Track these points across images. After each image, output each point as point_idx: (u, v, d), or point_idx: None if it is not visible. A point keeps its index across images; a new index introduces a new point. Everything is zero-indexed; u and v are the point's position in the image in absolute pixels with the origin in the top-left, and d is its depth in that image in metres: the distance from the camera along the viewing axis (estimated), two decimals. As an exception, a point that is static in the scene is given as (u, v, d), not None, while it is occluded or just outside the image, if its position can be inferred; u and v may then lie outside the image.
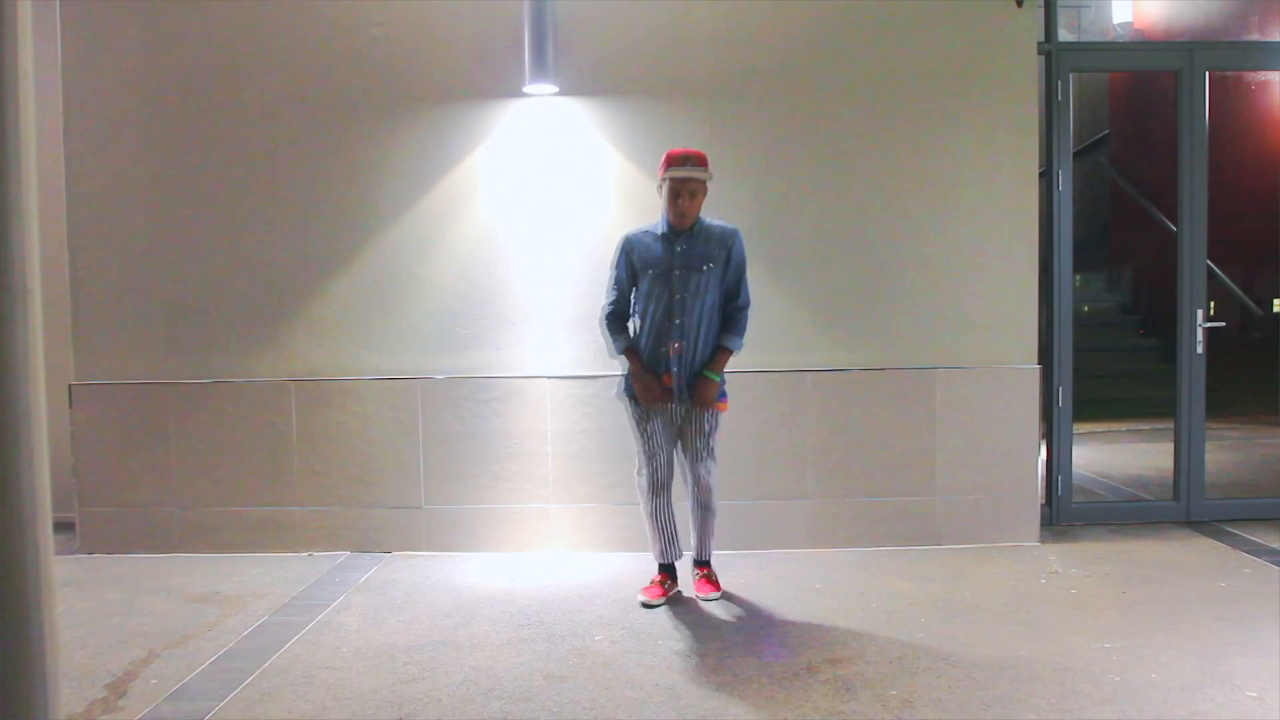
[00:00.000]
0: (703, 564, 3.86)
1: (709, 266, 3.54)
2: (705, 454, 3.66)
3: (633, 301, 3.68)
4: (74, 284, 4.51)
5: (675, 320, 3.54)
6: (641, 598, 3.72)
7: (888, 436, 4.46)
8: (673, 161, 3.52)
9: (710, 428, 3.65)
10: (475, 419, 4.48)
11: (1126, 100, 9.19)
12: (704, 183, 3.56)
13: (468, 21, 4.41)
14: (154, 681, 3.02)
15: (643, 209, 4.43)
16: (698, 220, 3.61)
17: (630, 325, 3.70)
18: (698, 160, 3.53)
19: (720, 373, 3.60)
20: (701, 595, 3.75)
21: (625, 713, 2.74)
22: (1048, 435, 4.71)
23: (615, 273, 3.69)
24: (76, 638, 3.40)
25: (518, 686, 2.94)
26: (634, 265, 3.62)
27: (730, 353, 3.63)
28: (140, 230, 4.51)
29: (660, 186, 3.57)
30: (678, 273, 3.54)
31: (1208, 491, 4.78)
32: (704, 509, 3.71)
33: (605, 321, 3.72)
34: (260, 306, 4.51)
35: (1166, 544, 4.41)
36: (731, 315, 3.62)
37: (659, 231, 3.63)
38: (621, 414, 4.44)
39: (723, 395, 3.66)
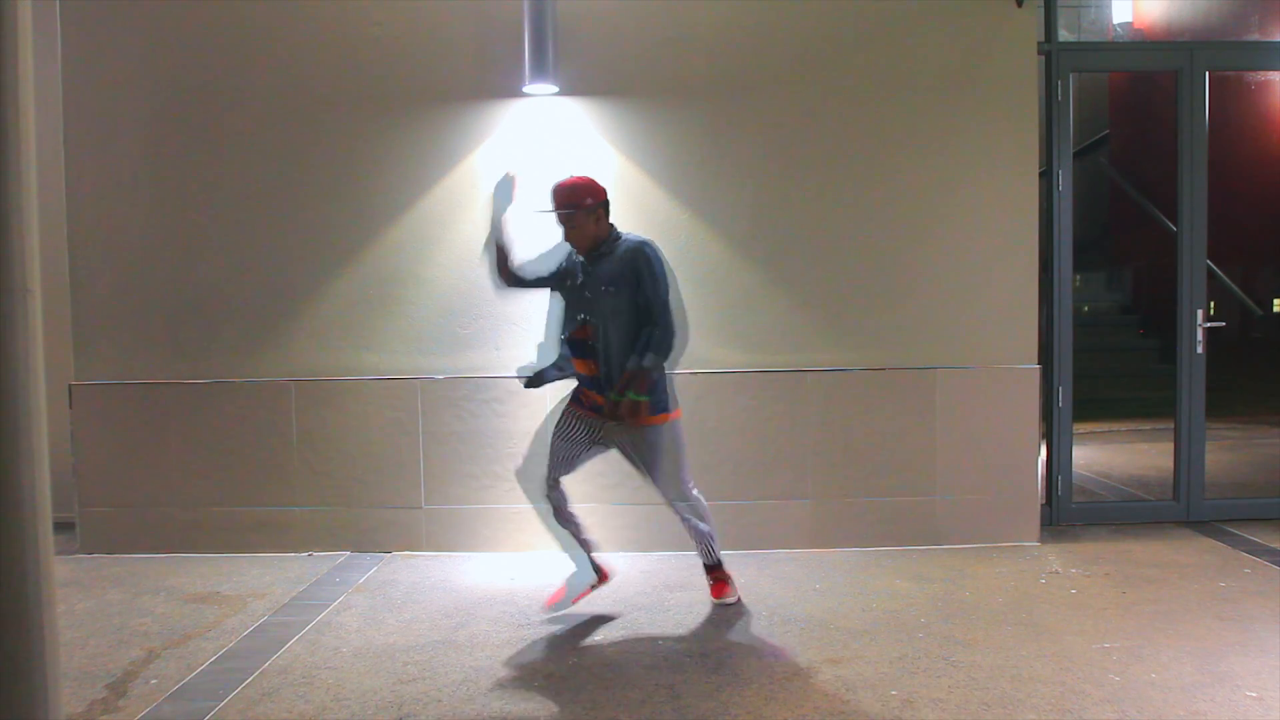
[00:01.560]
0: (713, 568, 3.71)
1: (613, 290, 3.35)
2: (675, 496, 3.53)
3: (552, 316, 3.65)
4: (74, 284, 4.51)
5: (590, 344, 3.42)
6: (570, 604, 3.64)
7: (888, 436, 4.46)
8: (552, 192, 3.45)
9: (652, 460, 3.44)
10: (475, 419, 4.48)
11: (1126, 100, 9.19)
12: (577, 210, 3.37)
13: (468, 21, 4.41)
14: (154, 681, 3.02)
15: (643, 209, 4.43)
16: (609, 240, 3.43)
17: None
18: (566, 189, 3.39)
19: (641, 393, 3.30)
20: (718, 599, 3.68)
21: (626, 712, 2.74)
22: (1048, 435, 4.71)
23: (542, 251, 3.60)
24: (76, 638, 3.40)
25: (518, 686, 2.93)
26: (558, 268, 3.55)
27: (643, 371, 3.29)
28: (140, 230, 4.51)
29: None
30: (588, 294, 3.41)
31: (1208, 491, 4.78)
32: (697, 533, 3.61)
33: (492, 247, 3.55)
34: (260, 306, 4.51)
35: (1166, 544, 4.41)
36: (646, 337, 3.34)
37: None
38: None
39: (659, 409, 3.39)
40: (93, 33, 4.48)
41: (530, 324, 4.49)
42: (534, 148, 4.46)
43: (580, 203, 3.38)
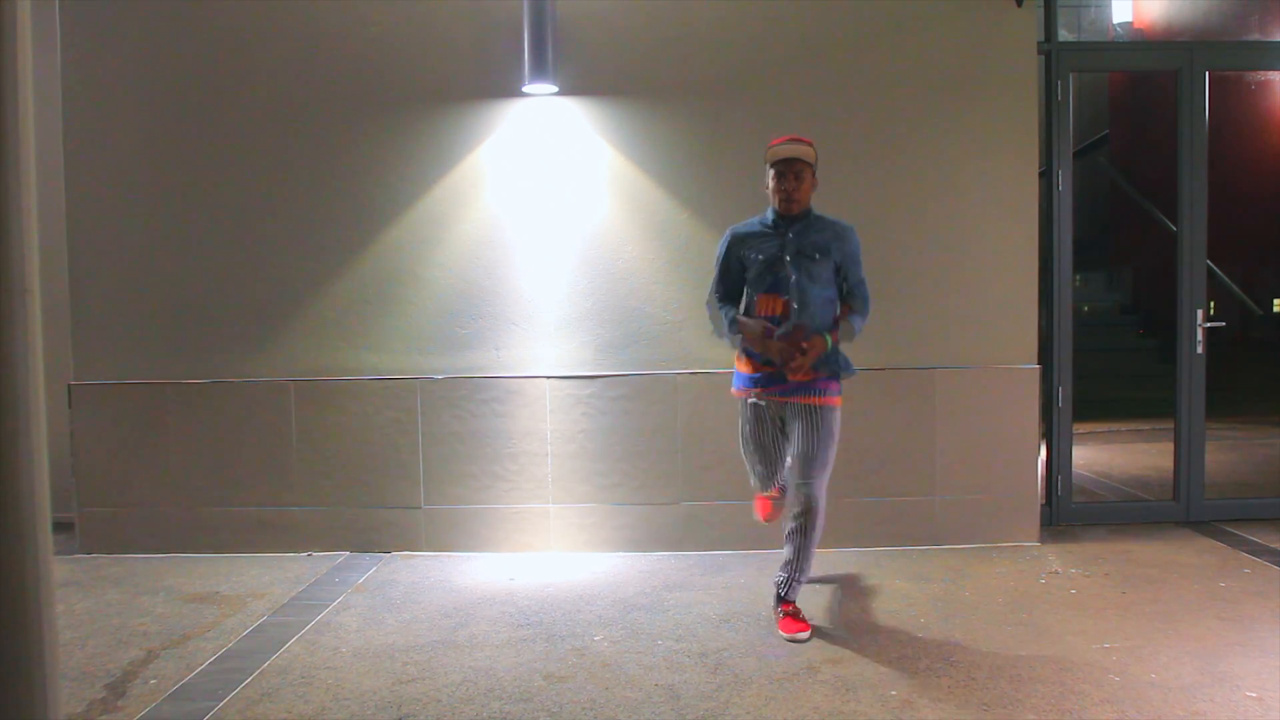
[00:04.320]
0: (789, 602, 3.42)
1: (819, 256, 3.33)
2: (820, 470, 3.31)
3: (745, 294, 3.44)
4: (74, 284, 4.51)
5: (789, 300, 3.30)
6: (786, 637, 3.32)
7: (888, 436, 4.46)
8: (775, 143, 3.37)
9: (826, 443, 3.32)
10: (475, 419, 4.48)
11: (1126, 100, 9.19)
12: (810, 165, 3.35)
13: (467, 21, 4.41)
14: (153, 681, 3.01)
15: (642, 209, 4.43)
16: (809, 210, 3.41)
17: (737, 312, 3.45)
18: (803, 141, 3.35)
19: (835, 342, 3.32)
20: (788, 635, 3.30)
21: (625, 713, 2.74)
22: (1048, 435, 4.71)
23: (718, 271, 3.47)
24: (76, 638, 3.40)
25: (517, 686, 2.93)
26: (740, 257, 3.40)
27: (843, 333, 3.36)
28: (140, 230, 4.51)
29: (767, 177, 3.40)
30: (789, 259, 3.31)
31: (1208, 491, 4.78)
32: (807, 532, 3.33)
33: (711, 303, 3.52)
34: (260, 306, 4.51)
35: (1166, 544, 4.41)
36: (855, 303, 3.43)
37: (768, 220, 3.43)
38: (621, 414, 4.45)
39: (835, 380, 3.33)
40: (93, 32, 4.48)
41: (530, 324, 4.49)
42: (533, 148, 4.46)
43: (815, 158, 3.38)
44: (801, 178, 3.34)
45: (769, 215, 3.44)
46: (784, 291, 3.32)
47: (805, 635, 3.30)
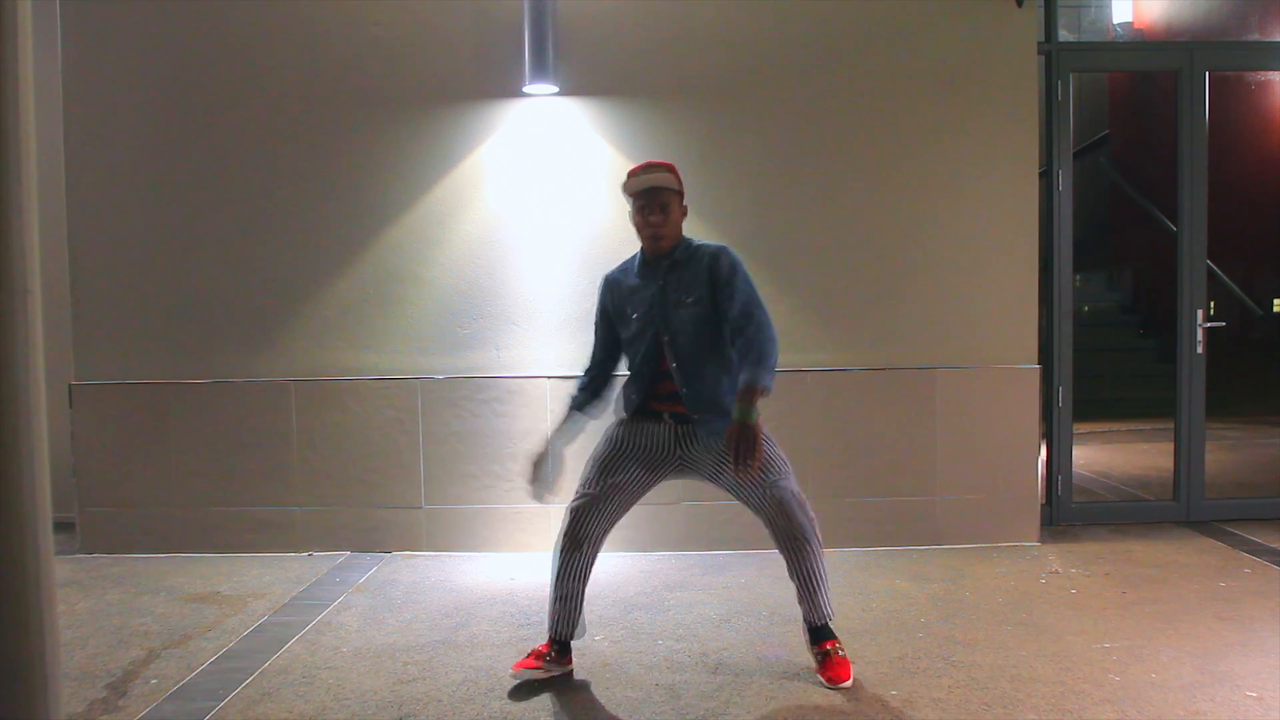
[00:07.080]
0: (822, 632, 2.96)
1: (691, 300, 2.85)
2: (772, 485, 2.87)
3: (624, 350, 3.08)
4: (74, 284, 4.51)
5: (670, 365, 2.88)
6: (511, 672, 2.96)
7: (888, 436, 4.46)
8: (633, 173, 2.89)
9: (760, 473, 2.80)
10: (475, 419, 4.48)
11: (1126, 100, 9.19)
12: (676, 192, 2.88)
13: (468, 21, 4.41)
14: (154, 681, 3.02)
15: (643, 209, 4.43)
16: (683, 243, 2.93)
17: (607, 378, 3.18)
18: (663, 167, 2.88)
19: (753, 410, 2.63)
20: (830, 684, 2.87)
21: (625, 712, 2.74)
22: (1048, 435, 4.71)
23: (595, 319, 3.13)
24: (76, 638, 3.40)
25: (518, 686, 2.93)
26: (611, 308, 3.02)
27: (756, 390, 2.64)
28: (140, 230, 4.51)
29: (631, 212, 2.95)
30: (657, 309, 2.88)
31: (1208, 491, 4.78)
32: (793, 539, 2.87)
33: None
34: (260, 306, 4.51)
35: (1166, 544, 4.41)
36: (742, 347, 2.76)
37: (635, 268, 2.99)
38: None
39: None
40: (93, 33, 4.48)
41: (531, 324, 4.49)
42: (534, 148, 4.46)
43: (680, 185, 2.90)
44: (668, 209, 2.85)
45: (637, 260, 3.00)
46: (666, 360, 2.89)
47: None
